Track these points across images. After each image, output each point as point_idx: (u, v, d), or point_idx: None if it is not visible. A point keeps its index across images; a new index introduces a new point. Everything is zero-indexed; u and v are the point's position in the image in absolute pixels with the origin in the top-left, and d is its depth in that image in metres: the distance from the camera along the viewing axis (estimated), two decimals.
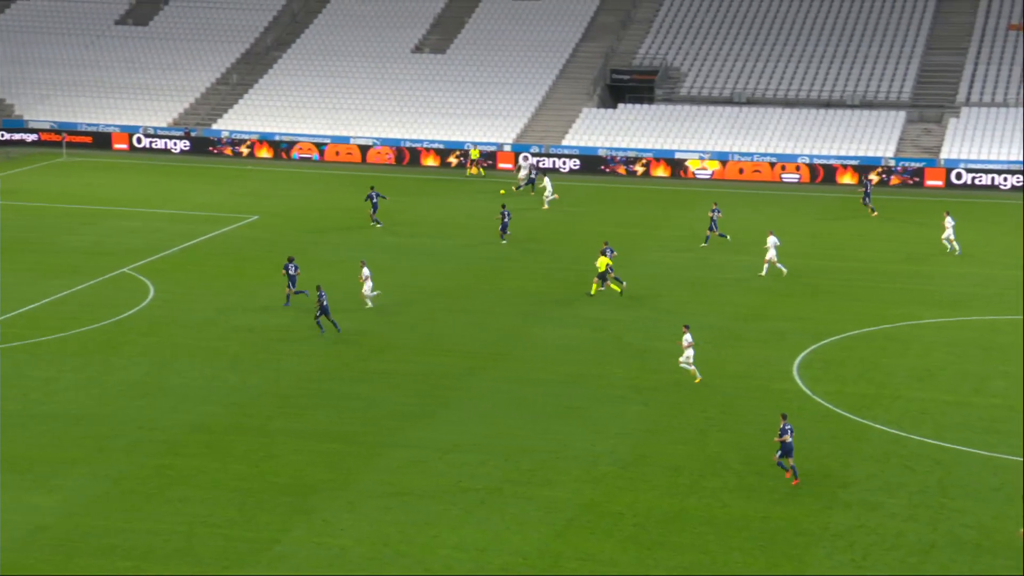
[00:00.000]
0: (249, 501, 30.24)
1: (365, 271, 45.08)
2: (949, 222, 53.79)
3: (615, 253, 48.55)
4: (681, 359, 38.38)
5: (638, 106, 76.54)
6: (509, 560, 27.87)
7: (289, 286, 45.12)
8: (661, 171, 71.00)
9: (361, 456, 32.96)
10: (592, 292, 46.87)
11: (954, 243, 53.50)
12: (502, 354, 40.99)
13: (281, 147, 74.56)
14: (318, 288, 42.79)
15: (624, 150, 72.33)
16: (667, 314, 45.30)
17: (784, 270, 49.93)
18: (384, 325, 43.67)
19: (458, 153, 72.34)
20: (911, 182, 68.56)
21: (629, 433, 34.73)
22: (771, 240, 49.89)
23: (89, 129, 76.73)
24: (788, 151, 71.39)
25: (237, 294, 46.87)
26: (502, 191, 59.82)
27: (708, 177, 69.85)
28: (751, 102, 76.32)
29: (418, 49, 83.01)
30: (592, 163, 71.84)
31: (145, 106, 78.95)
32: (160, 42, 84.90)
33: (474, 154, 71.56)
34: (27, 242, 53.69)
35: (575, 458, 32.95)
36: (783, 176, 69.50)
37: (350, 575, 27.22)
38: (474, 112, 76.70)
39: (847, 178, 69.23)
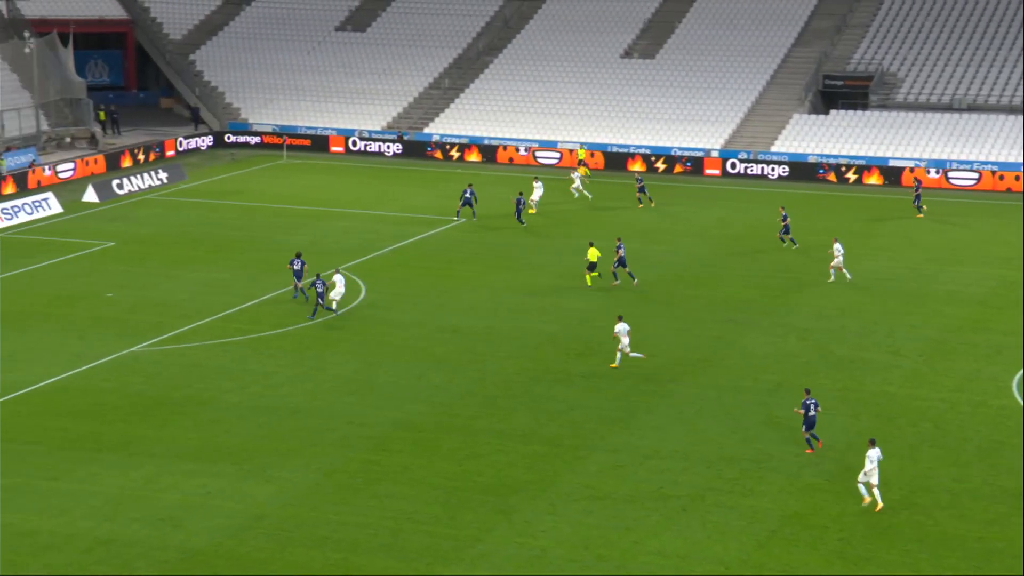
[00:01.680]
0: (453, 499, 30.74)
1: (338, 277, 45.11)
2: None
3: (623, 250, 48.56)
4: (626, 349, 39.11)
5: (851, 112, 74.70)
6: (710, 569, 27.65)
7: (296, 281, 46.27)
8: (874, 179, 69.15)
9: (562, 458, 33.15)
10: (617, 281, 48.42)
11: None
12: (706, 361, 40.67)
13: (489, 151, 75.62)
14: (317, 276, 44.54)
15: (835, 157, 70.77)
16: (875, 325, 44.19)
17: (833, 276, 49.13)
18: (586, 329, 43.82)
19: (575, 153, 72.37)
20: None
21: (835, 445, 33.94)
22: (837, 247, 49.19)
23: (308, 132, 79.36)
24: (1012, 160, 68.59)
25: (443, 295, 47.78)
26: (532, 210, 59.97)
27: (971, 186, 67.29)
28: (972, 109, 73.60)
29: (627, 54, 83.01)
30: (802, 170, 70.48)
31: (361, 110, 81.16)
32: (376, 47, 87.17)
33: (581, 154, 71.31)
34: (250, 240, 55.89)
35: (779, 468, 32.46)
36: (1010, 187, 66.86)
37: None
38: (682, 117, 76.26)
39: None
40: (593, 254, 48.15)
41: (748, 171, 71.31)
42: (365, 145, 77.98)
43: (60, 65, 75.87)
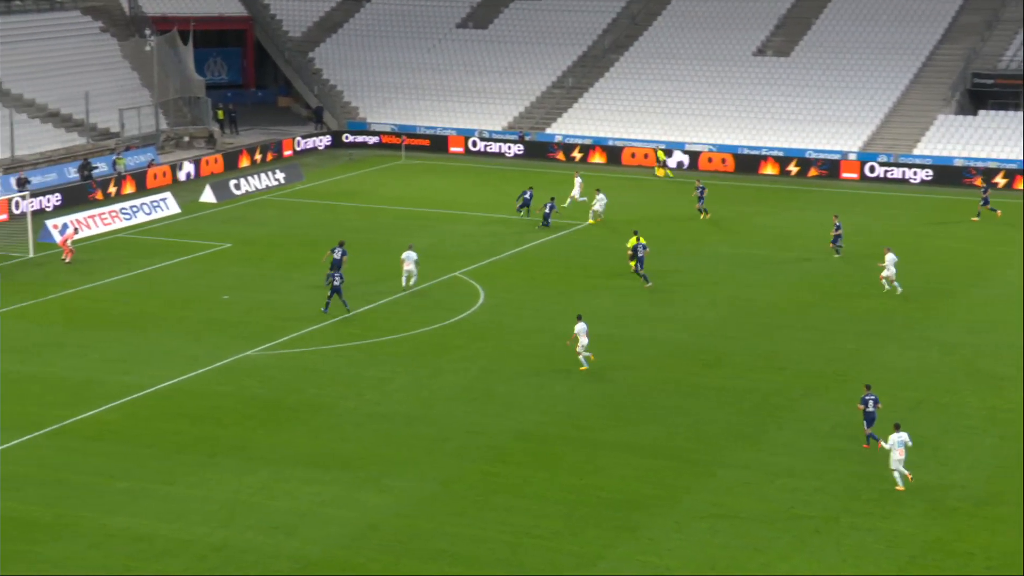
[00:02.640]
0: (574, 514, 29.67)
1: (408, 254, 46.62)
2: None
3: (647, 250, 48.35)
4: (581, 350, 38.71)
5: (1002, 113, 71.53)
6: None
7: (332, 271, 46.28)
8: None
9: (689, 474, 31.90)
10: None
11: None
12: (841, 375, 38.86)
13: (614, 152, 74.06)
14: (337, 268, 44.88)
15: (984, 160, 67.76)
16: None
17: (887, 287, 46.70)
18: (714, 339, 42.32)
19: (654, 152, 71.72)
20: None
21: (983, 467, 32.17)
22: (889, 257, 46.89)
23: (427, 132, 78.69)
24: None
25: (564, 301, 46.55)
26: (593, 221, 58.27)
27: None
28: None
29: (760, 52, 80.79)
30: (947, 174, 67.59)
31: (481, 109, 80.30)
32: (498, 45, 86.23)
33: (660, 155, 70.18)
34: (367, 243, 55.18)
35: (920, 490, 30.70)
36: None
37: None
38: (817, 118, 73.89)
39: None
40: (633, 242, 49.01)
41: (888, 175, 68.66)
42: (485, 146, 77.06)
43: (180, 63, 76.25)
